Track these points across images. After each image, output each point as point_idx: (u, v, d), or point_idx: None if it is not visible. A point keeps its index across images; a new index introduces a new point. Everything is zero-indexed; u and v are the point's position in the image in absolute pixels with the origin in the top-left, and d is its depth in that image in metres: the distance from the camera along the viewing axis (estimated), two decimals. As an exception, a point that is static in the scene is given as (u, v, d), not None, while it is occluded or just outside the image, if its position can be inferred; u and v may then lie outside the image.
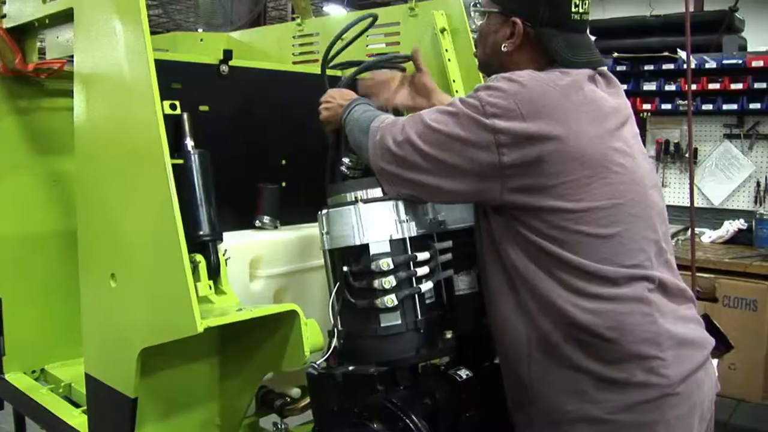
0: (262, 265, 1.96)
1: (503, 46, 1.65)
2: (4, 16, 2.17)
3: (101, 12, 1.69)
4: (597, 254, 1.54)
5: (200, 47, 3.23)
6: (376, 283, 1.60)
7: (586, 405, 1.56)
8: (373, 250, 1.62)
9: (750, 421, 4.23)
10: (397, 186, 1.65)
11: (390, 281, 1.59)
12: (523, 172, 1.51)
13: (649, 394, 1.54)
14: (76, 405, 2.24)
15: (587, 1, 1.64)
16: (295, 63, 2.89)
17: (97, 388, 1.76)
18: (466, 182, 1.57)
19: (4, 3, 2.16)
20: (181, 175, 1.73)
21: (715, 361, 3.18)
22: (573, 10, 1.61)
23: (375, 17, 2.12)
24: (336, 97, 1.89)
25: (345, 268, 1.64)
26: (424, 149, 1.58)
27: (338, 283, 1.66)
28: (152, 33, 1.57)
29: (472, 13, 1.77)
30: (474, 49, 2.07)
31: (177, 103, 1.74)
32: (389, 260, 1.60)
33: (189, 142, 1.79)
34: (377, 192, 1.68)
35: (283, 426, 1.99)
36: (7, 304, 2.41)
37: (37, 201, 2.44)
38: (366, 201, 1.66)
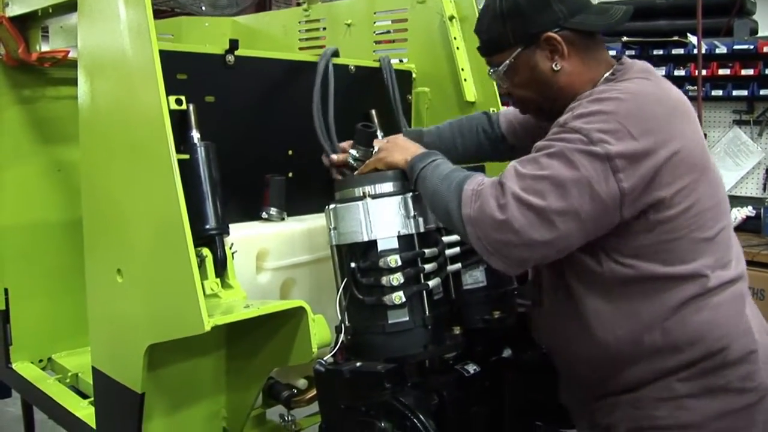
0: (269, 257, 1.95)
1: (554, 65, 1.56)
2: (7, 5, 2.14)
3: (105, 1, 1.66)
4: (706, 259, 1.51)
5: (206, 32, 3.21)
6: (384, 280, 1.59)
7: (679, 412, 1.53)
8: (381, 247, 1.61)
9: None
10: (510, 254, 1.43)
11: (398, 278, 1.58)
12: (641, 191, 1.42)
13: (745, 400, 1.53)
14: (83, 395, 2.24)
15: None
16: (301, 49, 2.86)
17: (104, 382, 1.76)
18: (587, 224, 1.42)
19: (7, -9, 2.14)
20: (187, 168, 1.70)
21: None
22: None
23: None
24: (400, 145, 1.75)
25: (352, 264, 1.63)
26: (536, 204, 1.39)
27: (346, 279, 1.65)
28: (156, 13, 1.54)
29: (497, 80, 1.68)
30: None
31: (183, 98, 1.71)
32: (397, 257, 1.59)
33: (195, 135, 1.77)
34: (385, 187, 1.67)
35: (290, 418, 1.99)
36: (13, 293, 2.40)
37: (42, 190, 2.43)
38: (374, 196, 1.64)
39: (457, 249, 1.81)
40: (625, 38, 4.67)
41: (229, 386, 1.86)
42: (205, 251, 1.68)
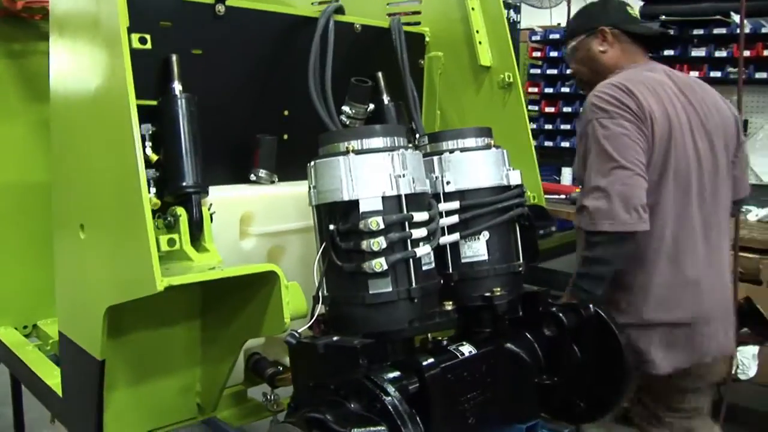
0: (254, 222, 1.81)
1: (601, 48, 2.21)
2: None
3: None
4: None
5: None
6: (365, 245, 1.43)
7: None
8: (363, 208, 1.44)
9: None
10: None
11: (380, 243, 1.41)
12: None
13: (629, 319, 2.00)
14: (62, 363, 2.13)
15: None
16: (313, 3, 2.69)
17: (69, 347, 1.64)
18: None
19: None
20: (166, 121, 1.59)
21: (756, 348, 2.97)
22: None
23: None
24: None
25: (331, 227, 1.47)
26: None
27: (324, 244, 1.49)
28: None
29: (568, 59, 2.38)
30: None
31: (147, 36, 1.57)
32: (380, 219, 1.42)
33: (177, 86, 1.64)
34: (373, 142, 1.50)
35: (273, 397, 1.85)
36: (-2, 257, 2.31)
37: (30, 149, 2.32)
38: (358, 152, 1.47)
39: (455, 217, 1.64)
40: (663, 17, 4.41)
41: (204, 359, 1.73)
42: (180, 210, 1.55)
